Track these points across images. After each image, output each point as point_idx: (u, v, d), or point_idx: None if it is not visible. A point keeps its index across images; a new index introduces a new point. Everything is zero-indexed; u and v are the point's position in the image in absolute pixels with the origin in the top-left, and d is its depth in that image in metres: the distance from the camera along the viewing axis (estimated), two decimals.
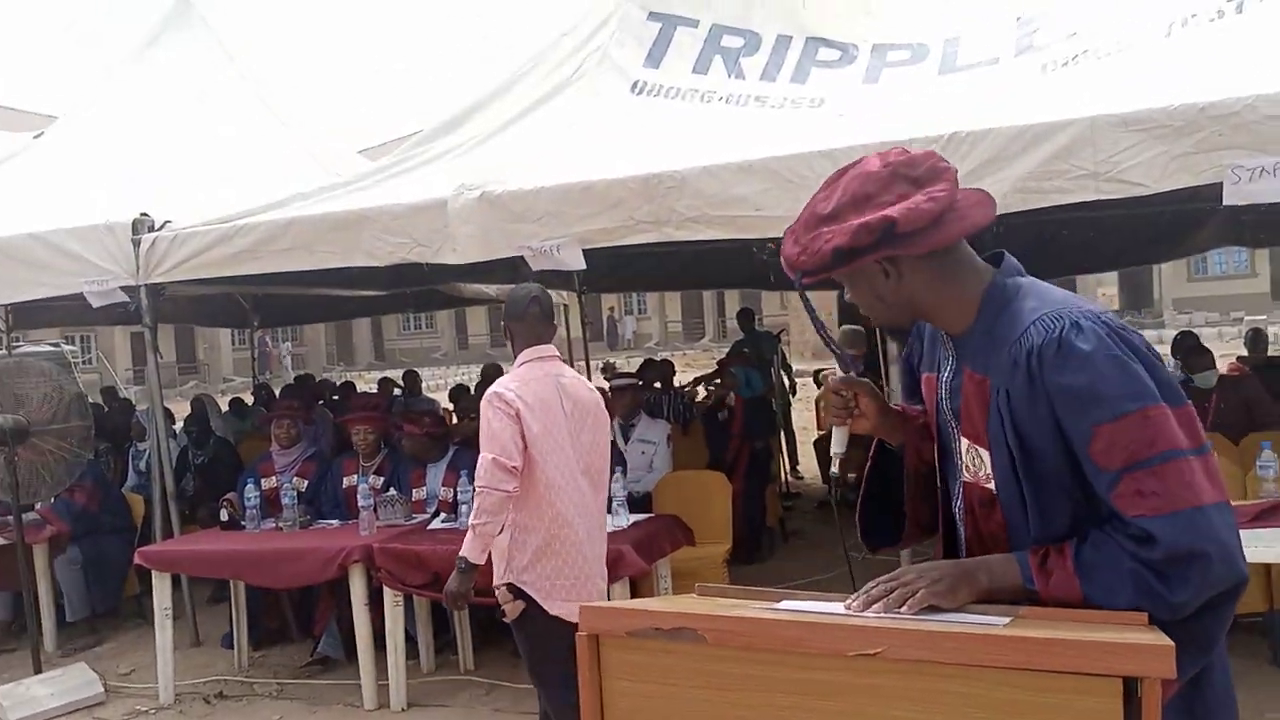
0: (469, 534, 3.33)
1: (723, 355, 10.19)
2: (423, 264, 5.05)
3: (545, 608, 3.33)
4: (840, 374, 1.73)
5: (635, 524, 4.67)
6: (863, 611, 1.42)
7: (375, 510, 4.99)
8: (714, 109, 5.11)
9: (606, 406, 3.77)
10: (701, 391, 8.85)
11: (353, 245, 5.04)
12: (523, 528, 3.35)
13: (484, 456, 3.29)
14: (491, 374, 8.78)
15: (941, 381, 1.66)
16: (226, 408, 9.58)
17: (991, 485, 1.55)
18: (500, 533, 3.33)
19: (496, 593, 3.40)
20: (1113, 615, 1.39)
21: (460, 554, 3.34)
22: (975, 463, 1.58)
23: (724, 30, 5.50)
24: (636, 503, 5.45)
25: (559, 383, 3.46)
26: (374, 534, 4.83)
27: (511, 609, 3.36)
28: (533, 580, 3.34)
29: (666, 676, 1.35)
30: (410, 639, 5.00)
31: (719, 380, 8.10)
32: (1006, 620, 1.35)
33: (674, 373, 9.42)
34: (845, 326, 1.71)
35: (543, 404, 3.36)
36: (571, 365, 11.97)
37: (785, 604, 1.47)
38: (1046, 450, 1.46)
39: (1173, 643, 1.17)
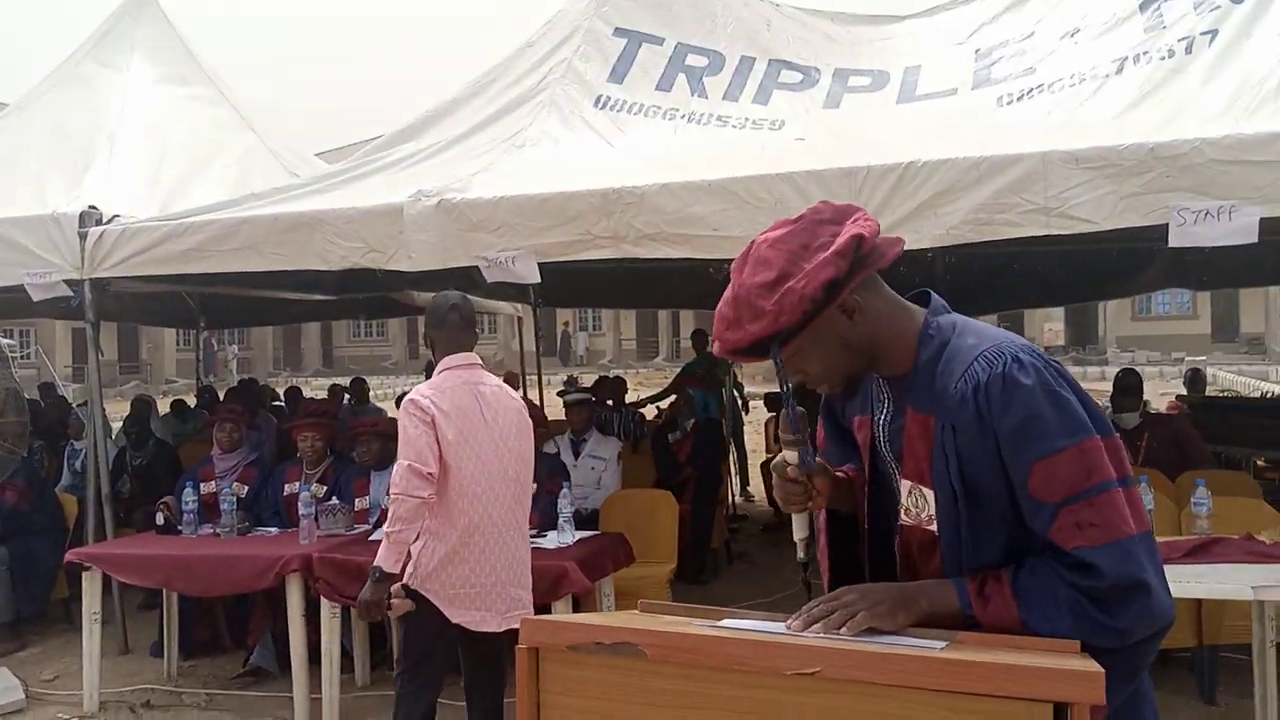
0: (384, 542, 3.30)
1: (676, 375, 10.21)
2: (375, 270, 5.00)
3: (447, 615, 3.34)
4: (789, 456, 1.65)
5: (580, 541, 4.64)
6: (802, 631, 1.42)
7: (316, 519, 4.91)
8: (676, 126, 5.14)
9: (536, 421, 3.77)
10: (653, 410, 8.86)
11: (304, 248, 4.99)
12: (434, 534, 3.36)
13: (399, 464, 3.29)
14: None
15: (878, 424, 1.67)
16: (168, 409, 9.39)
17: (933, 527, 1.55)
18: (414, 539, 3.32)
19: (392, 590, 3.37)
20: (1046, 642, 1.41)
21: (375, 563, 3.31)
22: (917, 504, 1.58)
23: (689, 49, 5.54)
24: (583, 520, 5.42)
25: (478, 391, 3.46)
26: (313, 543, 4.75)
27: (399, 606, 3.35)
28: (437, 589, 3.34)
29: (605, 692, 1.33)
30: (346, 653, 4.92)
31: (673, 401, 8.10)
32: (943, 645, 1.36)
33: (626, 390, 9.42)
34: (784, 413, 1.72)
35: (459, 411, 3.36)
36: (524, 379, 11.91)
37: (727, 622, 1.47)
38: (989, 484, 1.48)
39: (1103, 670, 1.18)
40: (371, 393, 12.42)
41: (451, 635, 3.40)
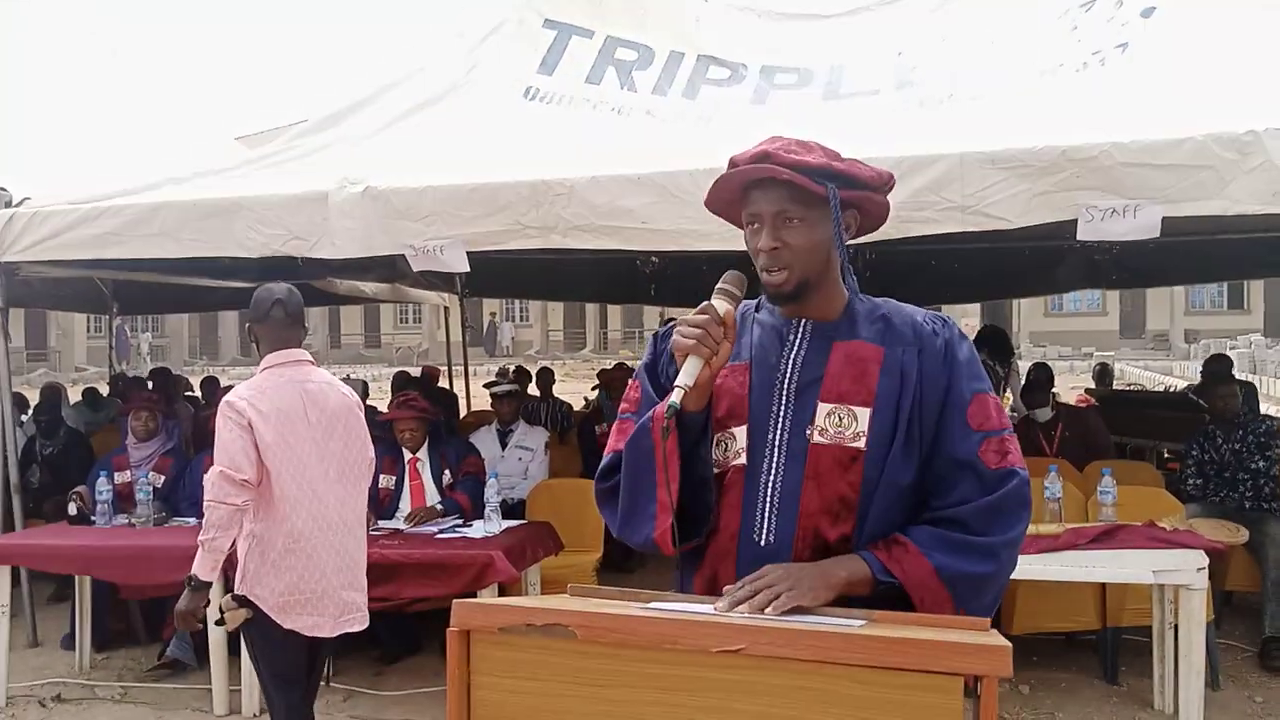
0: (199, 550, 3.15)
1: (604, 366, 10.23)
2: (297, 258, 4.93)
3: (279, 621, 3.21)
4: (717, 303, 1.69)
5: (507, 530, 4.66)
6: (729, 613, 1.47)
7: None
8: (605, 119, 5.17)
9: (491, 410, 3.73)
10: (580, 401, 8.89)
11: (224, 235, 4.88)
12: (258, 539, 3.23)
13: (212, 470, 3.15)
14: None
15: (784, 360, 1.75)
16: (79, 397, 9.11)
17: (860, 443, 1.68)
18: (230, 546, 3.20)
19: (222, 602, 3.28)
20: (958, 620, 1.50)
21: (190, 572, 3.16)
22: (841, 423, 1.69)
23: (618, 43, 5.56)
24: (510, 509, 5.43)
25: (304, 389, 3.30)
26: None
27: (232, 618, 3.23)
28: (263, 594, 3.21)
29: (536, 673, 1.36)
30: None
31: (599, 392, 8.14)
32: (861, 623, 1.42)
33: (554, 381, 9.42)
34: (732, 270, 1.73)
35: (279, 413, 3.22)
36: (450, 369, 11.80)
37: (654, 604, 1.51)
38: (930, 407, 1.70)
39: (1009, 645, 1.25)
40: None
41: (298, 641, 3.26)
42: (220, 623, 3.28)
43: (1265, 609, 5.02)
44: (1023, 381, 7.59)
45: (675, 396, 1.62)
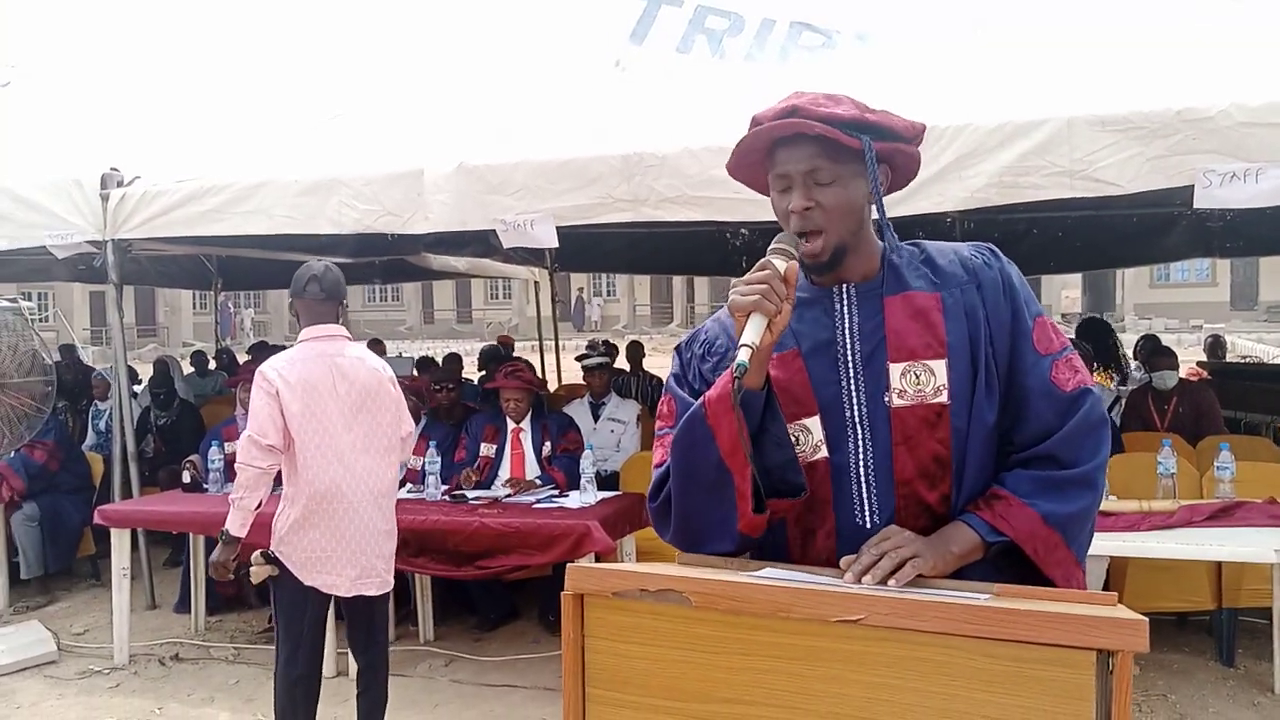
0: (231, 507, 3.41)
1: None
2: (388, 234, 5.01)
3: (300, 578, 3.44)
4: (776, 261, 1.55)
5: (602, 501, 4.69)
6: (850, 583, 1.44)
7: (403, 480, 4.95)
8: (696, 88, 5.10)
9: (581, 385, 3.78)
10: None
11: (317, 211, 4.99)
12: (288, 499, 3.48)
13: (243, 434, 3.41)
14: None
15: (842, 332, 1.66)
16: (189, 368, 9.47)
17: (943, 397, 1.61)
18: (258, 506, 3.42)
19: (253, 556, 3.50)
20: (1085, 595, 1.44)
21: (223, 527, 3.43)
22: (918, 380, 1.62)
23: (709, 11, 5.48)
24: (604, 481, 5.47)
25: (334, 363, 3.49)
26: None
27: (257, 573, 3.48)
28: (289, 552, 3.45)
29: (649, 638, 1.36)
30: None
31: None
32: (987, 596, 1.38)
33: (644, 355, 9.44)
34: (784, 231, 1.69)
35: (306, 384, 3.41)
36: (540, 343, 11.92)
37: (769, 572, 1.49)
38: (1000, 341, 1.65)
39: (1145, 619, 1.20)
40: (387, 357, 12.47)
41: (317, 597, 3.49)
42: (245, 573, 3.53)
43: None
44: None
45: (743, 354, 1.47)
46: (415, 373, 8.50)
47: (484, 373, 9.23)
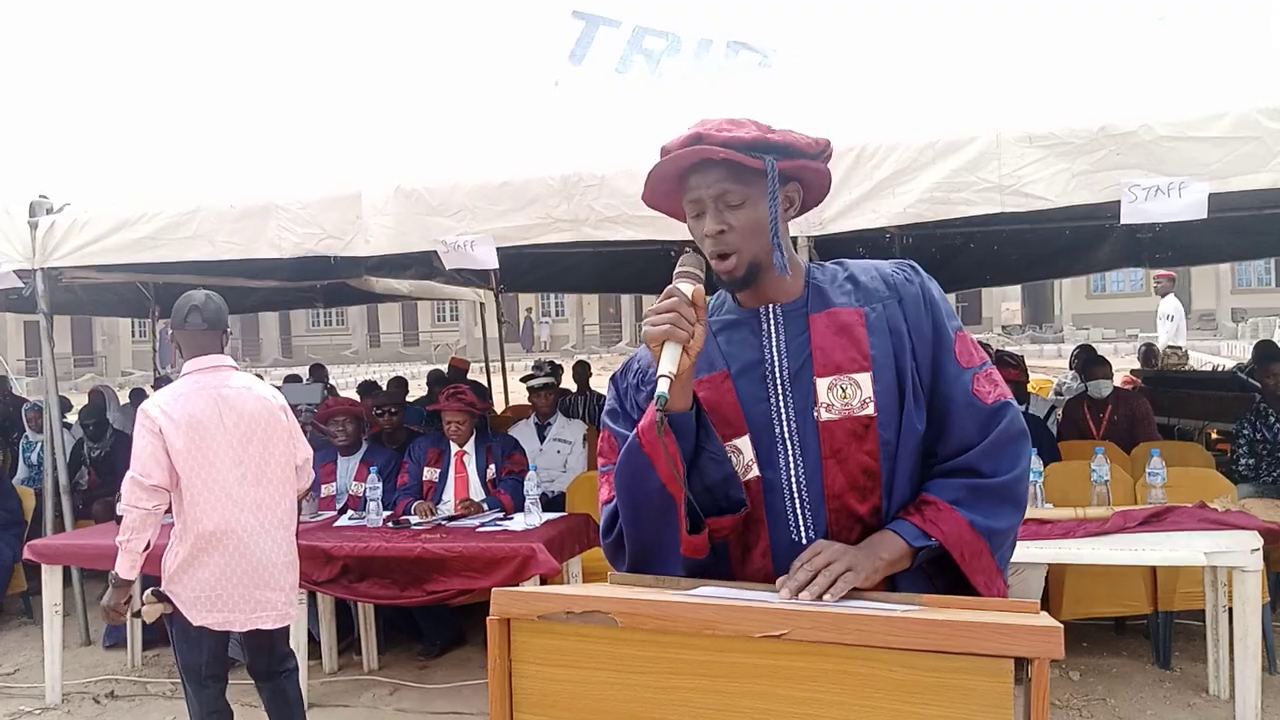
0: (119, 550, 3.33)
1: None
2: (329, 256, 4.96)
3: (189, 618, 3.37)
4: (682, 286, 1.59)
5: (548, 523, 4.66)
6: (783, 599, 1.46)
7: (299, 508, 4.87)
8: (634, 109, 5.14)
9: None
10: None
11: (258, 236, 4.94)
12: (176, 537, 3.41)
13: (128, 475, 3.32)
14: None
15: (770, 349, 1.69)
16: (126, 400, 9.26)
17: (870, 409, 1.65)
18: (147, 548, 3.34)
19: (143, 596, 3.44)
20: (1005, 602, 1.47)
21: (113, 570, 3.35)
22: (844, 394, 1.66)
23: (646, 32, 5.53)
24: (549, 502, 5.44)
25: (220, 395, 3.41)
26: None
27: (149, 612, 3.40)
28: (179, 591, 3.38)
29: (576, 660, 1.35)
30: (313, 639, 4.91)
31: None
32: (910, 607, 1.40)
33: (590, 374, 9.43)
34: (688, 253, 1.70)
35: (191, 420, 3.33)
36: (487, 365, 11.85)
37: (700, 590, 1.50)
38: (922, 355, 1.69)
39: (1060, 625, 1.22)
40: (333, 382, 12.32)
41: (213, 633, 3.42)
42: (137, 614, 3.48)
43: None
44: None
45: (662, 386, 1.51)
46: (358, 396, 8.39)
47: (425, 395, 9.17)
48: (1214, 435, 7.51)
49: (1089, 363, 6.83)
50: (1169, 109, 3.82)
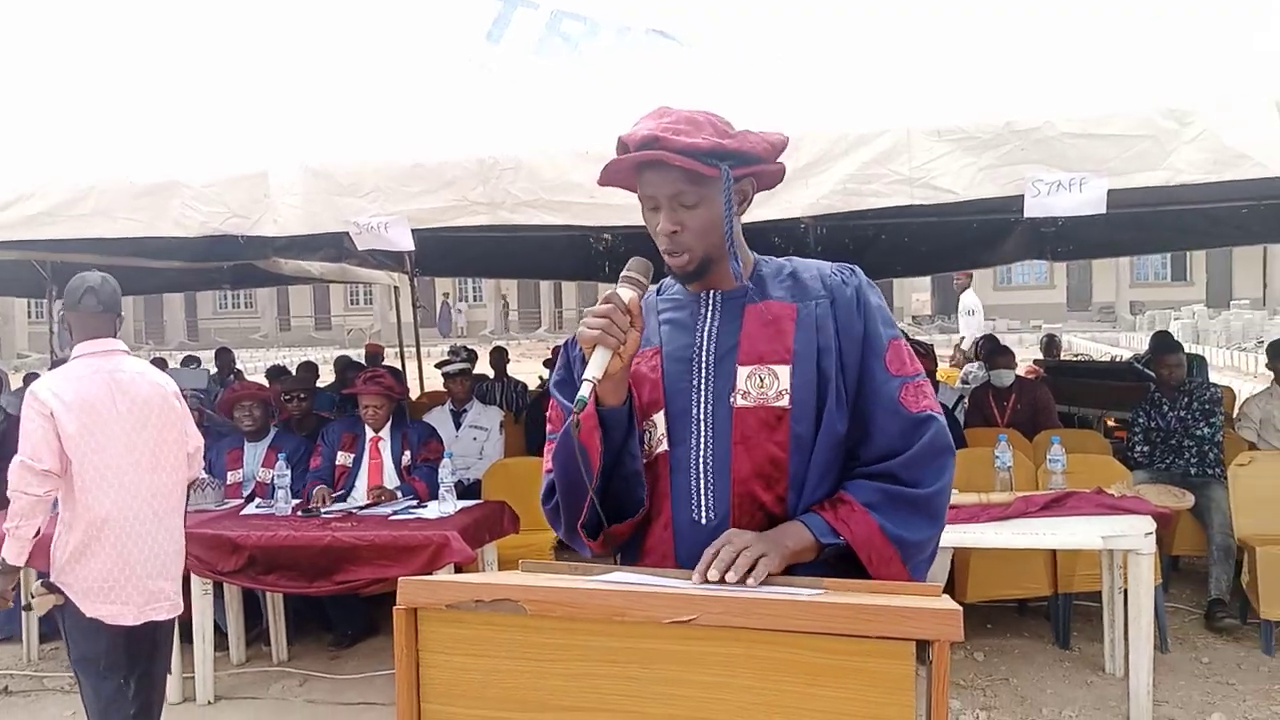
0: (7, 536, 3.22)
1: (559, 345, 10.18)
2: (238, 237, 4.81)
3: (82, 609, 3.27)
4: (623, 292, 1.65)
5: (462, 510, 4.63)
6: (714, 584, 1.47)
7: (187, 496, 4.74)
8: (552, 92, 5.09)
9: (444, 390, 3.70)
10: (535, 380, 8.85)
11: (160, 214, 4.76)
12: (65, 525, 3.30)
13: (15, 459, 3.21)
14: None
15: (700, 333, 1.75)
16: (20, 383, 8.89)
17: (784, 401, 1.68)
18: (37, 533, 3.24)
19: (32, 587, 3.34)
20: (909, 586, 1.51)
21: None
22: (762, 384, 1.69)
23: (565, 15, 5.48)
24: (465, 490, 5.39)
25: (114, 379, 3.33)
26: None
27: (40, 604, 3.30)
28: (71, 581, 3.27)
29: (485, 649, 1.34)
30: (219, 630, 4.79)
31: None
32: (815, 592, 1.42)
33: (509, 360, 9.38)
34: (637, 258, 1.73)
35: (84, 403, 3.24)
36: (402, 350, 11.71)
37: (614, 576, 1.50)
38: (850, 356, 1.72)
39: (960, 608, 1.25)
40: (241, 366, 12.02)
41: (109, 625, 3.32)
42: (28, 608, 3.36)
43: (1211, 572, 5.14)
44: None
45: (584, 390, 1.57)
46: (266, 381, 8.19)
47: (334, 381, 8.99)
48: (1111, 423, 7.83)
49: (993, 352, 7.03)
50: (1072, 107, 3.93)
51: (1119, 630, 4.44)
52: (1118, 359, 14.97)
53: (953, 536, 4.14)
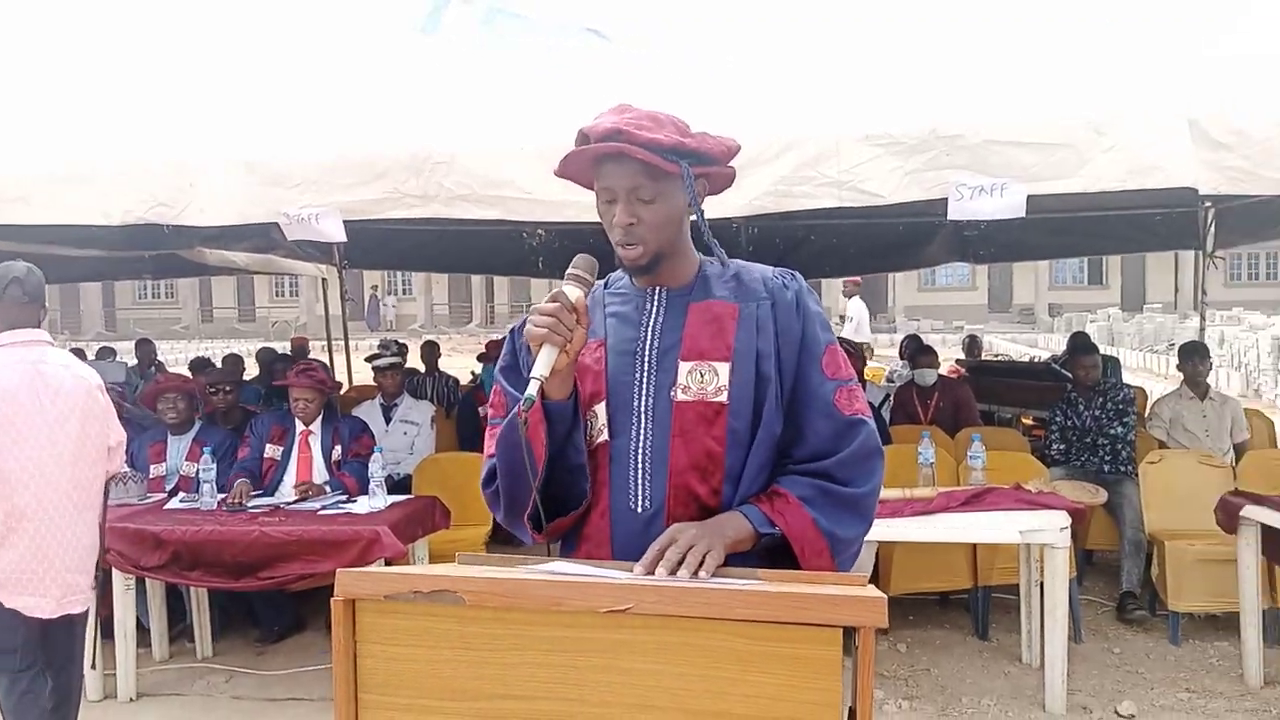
0: None
1: (491, 340, 10.14)
2: (164, 226, 4.71)
3: (1, 599, 3.23)
4: (569, 290, 1.67)
5: (393, 505, 4.59)
6: (652, 576, 1.51)
7: (106, 490, 4.62)
8: (487, 85, 5.08)
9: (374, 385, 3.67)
10: (468, 375, 8.81)
11: (82, 201, 4.64)
12: None
13: None
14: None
15: (645, 327, 1.80)
16: None
17: (722, 396, 1.73)
18: None
19: None
20: (837, 577, 1.56)
21: None
22: (702, 379, 1.74)
23: (499, 12, 5.48)
24: (396, 485, 5.35)
25: (38, 371, 3.30)
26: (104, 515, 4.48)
27: None
28: None
29: (423, 640, 1.36)
30: (141, 626, 4.69)
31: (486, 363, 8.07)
32: (747, 582, 1.46)
33: (440, 355, 9.32)
34: (582, 255, 1.75)
35: (4, 393, 3.21)
36: (329, 343, 11.52)
37: (552, 565, 1.52)
38: (787, 358, 1.77)
39: (884, 596, 1.31)
40: (162, 358, 11.72)
41: (26, 618, 3.27)
42: None
43: (1122, 565, 5.34)
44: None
45: (532, 389, 1.60)
46: (189, 374, 8.03)
47: (259, 374, 8.84)
48: (1029, 422, 8.07)
49: (917, 352, 7.21)
50: (995, 115, 4.06)
51: (1035, 622, 4.59)
52: (1036, 359, 15.40)
53: (877, 530, 4.22)
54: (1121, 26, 4.69)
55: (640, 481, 1.73)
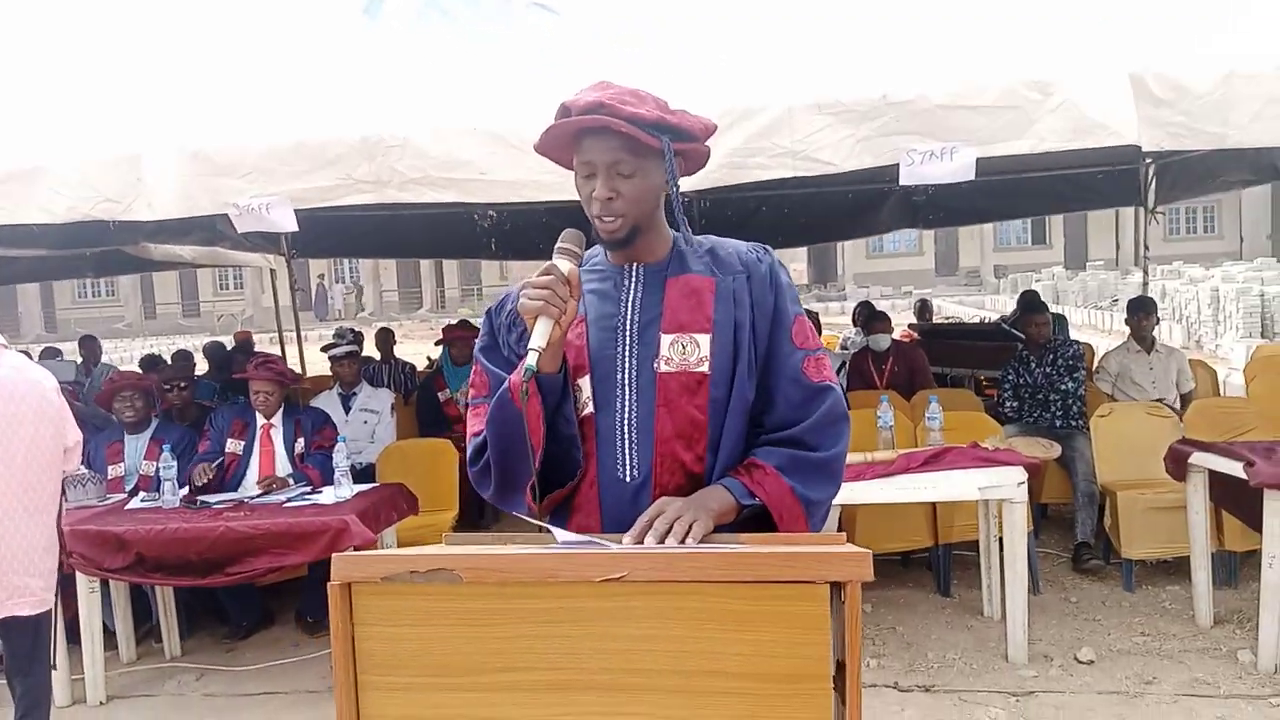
0: None
1: (443, 325, 10.08)
2: (107, 222, 4.63)
3: None
4: (559, 263, 1.71)
5: (359, 494, 4.57)
6: (659, 544, 1.56)
7: (63, 491, 4.55)
8: (435, 66, 5.04)
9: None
10: (424, 361, 8.75)
11: (25, 199, 4.53)
12: None
13: None
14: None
15: (624, 303, 1.84)
16: None
17: (704, 367, 1.79)
18: None
19: None
20: (817, 537, 1.61)
21: None
22: (684, 351, 1.80)
23: None
24: (359, 474, 5.33)
25: None
26: (63, 516, 4.41)
27: None
28: None
29: (420, 619, 1.37)
30: (108, 629, 4.64)
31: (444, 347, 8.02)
32: (734, 547, 1.50)
33: (395, 342, 9.25)
34: (570, 229, 1.78)
35: None
36: (280, 335, 11.33)
37: (558, 535, 1.55)
38: (760, 329, 1.83)
39: (869, 551, 1.35)
40: (105, 358, 11.49)
41: None
42: None
43: (1076, 518, 5.48)
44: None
45: (531, 359, 1.64)
46: (141, 371, 7.89)
47: (210, 369, 8.72)
48: (983, 381, 8.23)
49: (870, 319, 7.31)
50: (944, 80, 4.12)
51: (995, 576, 4.71)
52: (986, 320, 15.67)
53: (841, 494, 4.29)
54: None
55: (627, 451, 1.78)
